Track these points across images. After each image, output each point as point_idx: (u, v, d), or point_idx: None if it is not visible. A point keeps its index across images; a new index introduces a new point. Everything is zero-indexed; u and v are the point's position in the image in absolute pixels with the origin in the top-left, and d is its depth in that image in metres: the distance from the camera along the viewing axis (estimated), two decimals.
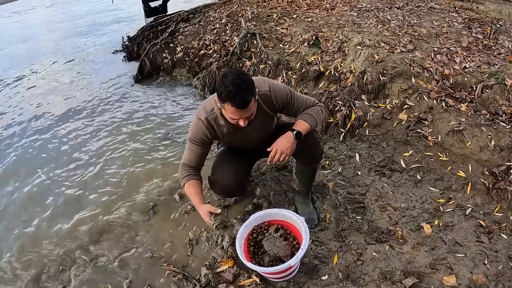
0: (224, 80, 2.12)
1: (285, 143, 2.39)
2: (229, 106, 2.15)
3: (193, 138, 2.54)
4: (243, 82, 2.12)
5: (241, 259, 2.36)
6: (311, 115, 2.53)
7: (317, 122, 2.56)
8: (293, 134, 2.41)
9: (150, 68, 6.81)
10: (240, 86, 2.10)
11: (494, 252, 2.57)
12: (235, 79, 2.11)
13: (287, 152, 2.39)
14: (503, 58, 4.56)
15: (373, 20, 5.70)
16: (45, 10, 16.39)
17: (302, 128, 2.46)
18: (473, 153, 3.26)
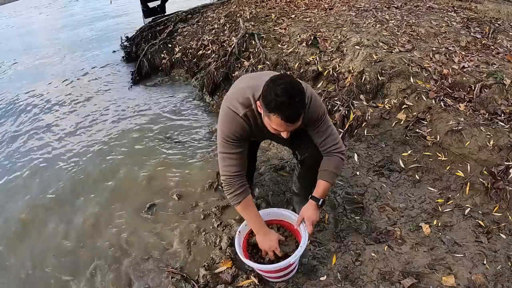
0: (275, 87, 1.87)
1: (312, 213, 2.41)
2: (276, 118, 1.92)
3: (231, 136, 2.21)
4: (297, 93, 1.89)
5: (240, 256, 2.33)
6: (334, 173, 2.38)
7: (336, 176, 2.48)
8: (317, 204, 2.42)
9: (149, 69, 6.80)
10: (294, 98, 1.87)
11: (493, 252, 2.57)
12: (288, 88, 1.86)
13: (317, 220, 2.43)
14: (501, 57, 4.56)
15: (371, 20, 5.69)
16: (43, 10, 16.37)
17: (324, 191, 2.41)
18: (472, 152, 3.26)
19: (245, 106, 2.17)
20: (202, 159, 4.04)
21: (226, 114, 2.22)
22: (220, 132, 2.24)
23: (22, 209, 3.65)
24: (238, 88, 2.29)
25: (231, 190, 2.28)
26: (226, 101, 2.27)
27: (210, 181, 3.59)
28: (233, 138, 2.21)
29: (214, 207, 3.26)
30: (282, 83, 1.88)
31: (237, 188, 2.27)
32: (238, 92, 2.23)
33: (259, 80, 2.12)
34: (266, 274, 2.47)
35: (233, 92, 2.31)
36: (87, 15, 13.62)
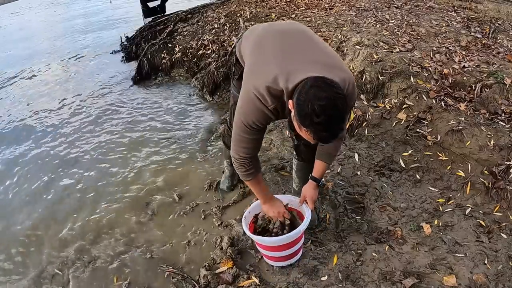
0: (315, 101, 1.62)
1: (312, 192, 2.49)
2: (308, 133, 1.74)
3: (254, 124, 2.02)
4: (339, 116, 1.67)
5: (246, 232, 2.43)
6: (332, 155, 2.41)
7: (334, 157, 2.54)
8: (317, 184, 2.50)
9: (149, 69, 6.79)
10: (333, 121, 1.66)
11: (494, 251, 2.56)
12: (329, 107, 1.62)
13: (316, 198, 2.52)
14: (502, 57, 4.56)
15: (371, 20, 5.69)
16: (43, 10, 16.37)
17: (323, 172, 2.47)
18: (473, 152, 3.26)
19: (275, 98, 1.90)
20: (203, 159, 4.04)
21: (252, 101, 1.95)
22: (242, 116, 2.03)
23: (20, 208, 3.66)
24: (265, 63, 1.98)
25: (242, 169, 2.26)
26: (251, 80, 1.99)
27: (209, 182, 3.59)
28: (255, 126, 2.03)
29: (215, 207, 3.26)
30: (324, 98, 1.62)
31: (248, 169, 2.25)
32: (266, 73, 1.90)
33: (293, 61, 1.90)
34: (270, 253, 2.51)
35: (259, 68, 2.02)
36: (87, 15, 13.62)
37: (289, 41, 2.05)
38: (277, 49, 2.01)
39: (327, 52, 2.05)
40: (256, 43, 2.15)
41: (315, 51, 2.01)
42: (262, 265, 2.64)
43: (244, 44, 2.33)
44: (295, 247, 2.45)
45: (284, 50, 1.99)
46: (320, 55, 1.98)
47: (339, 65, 1.98)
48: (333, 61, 1.98)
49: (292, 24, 2.29)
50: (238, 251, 2.77)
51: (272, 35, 2.13)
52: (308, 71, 1.78)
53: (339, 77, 1.84)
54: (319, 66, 1.86)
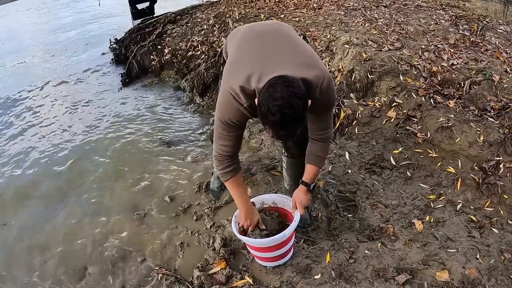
0: (270, 101, 1.69)
1: (302, 197, 2.49)
2: (269, 132, 1.84)
3: (230, 121, 2.07)
4: (294, 113, 1.72)
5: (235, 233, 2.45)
6: (322, 157, 2.43)
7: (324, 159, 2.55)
8: (308, 188, 2.49)
9: (138, 71, 6.77)
10: (288, 120, 1.72)
11: (486, 246, 2.58)
12: (284, 106, 1.68)
13: (307, 203, 2.53)
14: (490, 54, 4.59)
15: (360, 19, 5.71)
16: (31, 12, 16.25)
17: (314, 176, 2.47)
18: (462, 149, 3.27)
19: (249, 96, 1.94)
20: (194, 160, 4.03)
21: (228, 100, 2.01)
22: (219, 114, 2.10)
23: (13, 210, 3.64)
24: (242, 63, 2.05)
25: (220, 167, 2.29)
26: (228, 80, 2.06)
27: (198, 183, 3.58)
28: (232, 123, 2.08)
29: (207, 208, 3.25)
30: (279, 98, 1.68)
31: (225, 167, 2.27)
32: (241, 72, 1.96)
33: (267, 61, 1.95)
34: (260, 254, 2.51)
35: (236, 68, 2.08)
36: (75, 17, 13.52)
37: (266, 42, 2.10)
38: (254, 50, 2.08)
39: (303, 51, 2.08)
40: (237, 44, 2.21)
41: (291, 51, 2.04)
42: (255, 265, 2.64)
43: (229, 45, 2.37)
44: (284, 248, 2.45)
45: (260, 51, 2.06)
46: (295, 55, 2.02)
47: (314, 63, 2.01)
48: (308, 60, 2.02)
49: (272, 25, 2.31)
50: (231, 252, 2.76)
51: (251, 36, 2.19)
52: (279, 71, 1.82)
53: (312, 75, 1.91)
54: (293, 65, 1.91)
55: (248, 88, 1.91)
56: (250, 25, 2.38)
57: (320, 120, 2.24)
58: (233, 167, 2.29)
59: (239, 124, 2.11)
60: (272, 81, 1.76)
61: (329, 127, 2.31)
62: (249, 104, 1.96)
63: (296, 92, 1.72)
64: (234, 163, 2.30)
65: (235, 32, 2.39)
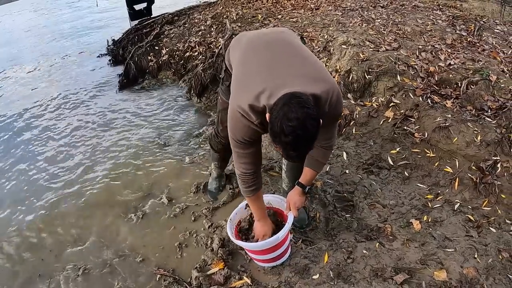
0: (284, 121, 1.65)
1: (297, 198, 2.50)
2: (279, 150, 1.82)
3: (244, 140, 2.07)
4: (306, 136, 1.69)
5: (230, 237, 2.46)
6: (322, 163, 2.43)
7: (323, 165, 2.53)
8: (303, 190, 2.51)
9: (136, 71, 6.75)
10: (301, 142, 1.70)
11: (483, 246, 2.58)
12: (298, 128, 1.64)
13: (301, 204, 2.54)
14: (487, 54, 4.60)
15: (357, 19, 5.71)
16: (29, 14, 16.21)
17: (311, 179, 2.49)
18: (460, 148, 3.28)
19: (258, 114, 1.91)
20: (191, 161, 4.02)
21: (237, 119, 1.99)
22: (231, 133, 2.10)
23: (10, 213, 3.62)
24: (249, 79, 2.01)
25: (245, 186, 2.29)
26: (236, 97, 2.03)
27: (196, 184, 3.57)
28: (245, 141, 2.07)
29: (205, 209, 3.25)
30: (294, 119, 1.64)
31: (250, 185, 2.28)
32: (249, 90, 1.93)
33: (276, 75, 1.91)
34: (257, 257, 2.52)
35: (243, 85, 2.04)
36: (72, 18, 13.50)
37: (273, 54, 2.06)
38: (261, 64, 2.03)
39: (311, 63, 2.05)
40: (243, 55, 2.17)
41: (299, 63, 2.01)
42: (253, 266, 2.64)
43: (233, 54, 2.33)
44: (279, 250, 2.46)
45: (268, 65, 2.01)
46: (304, 68, 1.99)
47: (323, 77, 1.98)
48: (317, 73, 1.99)
49: (278, 34, 2.26)
50: (229, 252, 2.76)
51: (257, 48, 2.15)
52: (290, 86, 1.79)
53: (322, 89, 1.88)
54: (302, 80, 1.88)
55: (257, 106, 1.88)
56: (255, 34, 2.34)
57: (326, 131, 2.21)
58: (257, 185, 2.32)
59: (252, 141, 2.10)
60: (286, 100, 1.71)
61: (333, 136, 2.31)
62: (260, 121, 1.93)
63: (311, 113, 1.68)
64: (258, 180, 2.32)
65: (238, 40, 2.36)
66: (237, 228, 2.65)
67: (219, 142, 2.96)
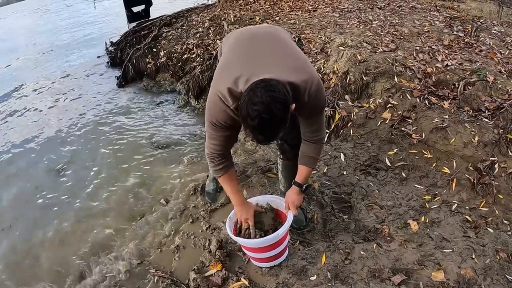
0: (250, 105, 1.69)
1: (295, 197, 2.51)
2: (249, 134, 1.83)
3: (218, 122, 2.09)
4: (274, 118, 1.71)
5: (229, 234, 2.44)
6: (315, 159, 2.45)
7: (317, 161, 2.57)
8: (300, 189, 2.52)
9: (134, 73, 6.78)
10: (267, 124, 1.72)
11: (481, 246, 2.58)
12: (263, 111, 1.67)
13: (300, 203, 2.54)
14: (484, 55, 4.61)
15: (355, 21, 5.72)
16: (28, 15, 16.23)
17: (306, 176, 2.50)
18: (457, 149, 3.28)
19: (235, 99, 1.94)
20: (189, 163, 4.02)
21: (215, 102, 2.02)
22: (207, 115, 2.13)
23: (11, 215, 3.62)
24: (230, 66, 2.06)
25: (212, 164, 2.35)
26: (216, 82, 2.06)
27: (193, 186, 3.58)
28: (219, 124, 2.09)
29: (203, 210, 3.25)
30: (259, 103, 1.68)
31: (217, 164, 2.32)
32: (229, 75, 1.96)
33: (256, 64, 1.95)
34: (254, 255, 2.52)
35: (224, 71, 2.07)
36: (72, 20, 13.54)
37: (256, 44, 2.11)
38: (243, 52, 2.09)
39: (294, 54, 2.09)
40: (229, 46, 2.24)
41: (281, 54, 2.04)
42: (251, 267, 2.63)
43: (223, 47, 2.38)
44: (278, 248, 2.45)
45: (249, 53, 2.06)
46: (285, 58, 2.02)
47: (303, 67, 2.01)
48: (298, 64, 2.01)
49: (266, 28, 2.32)
50: (227, 254, 2.76)
51: (242, 38, 2.21)
52: (267, 74, 1.83)
53: (300, 79, 1.92)
54: (281, 69, 1.91)
55: (235, 90, 1.91)
56: (244, 28, 2.40)
57: (311, 123, 2.25)
58: (225, 164, 2.34)
59: (227, 125, 2.11)
60: (253, 85, 1.76)
61: (320, 129, 2.31)
62: (235, 106, 1.95)
63: (277, 96, 1.71)
64: (226, 161, 2.34)
65: (229, 35, 2.41)
66: (235, 227, 2.63)
67: None
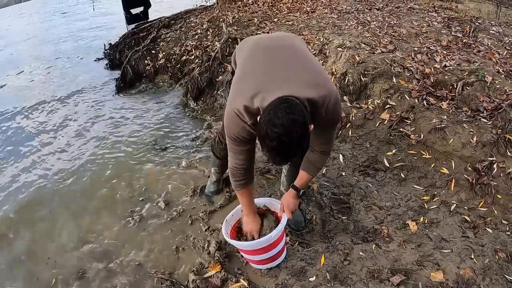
0: (271, 127, 1.67)
1: (291, 201, 2.51)
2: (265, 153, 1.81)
3: (238, 138, 2.09)
4: (292, 141, 1.69)
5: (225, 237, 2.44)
6: (318, 168, 2.45)
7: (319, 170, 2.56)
8: (297, 193, 2.52)
9: (133, 75, 6.76)
10: (284, 148, 1.71)
11: (480, 246, 2.58)
12: (283, 134, 1.66)
13: (295, 207, 2.55)
14: (482, 55, 4.61)
15: (353, 22, 5.73)
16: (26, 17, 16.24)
17: (306, 183, 2.51)
18: (456, 149, 3.29)
19: (252, 115, 1.93)
20: (188, 165, 4.02)
21: (233, 118, 2.02)
22: (227, 131, 2.12)
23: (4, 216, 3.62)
24: (246, 81, 2.02)
25: (234, 179, 2.34)
26: (233, 98, 2.04)
27: (193, 187, 3.58)
28: (240, 138, 2.09)
29: (202, 212, 3.25)
30: (279, 125, 1.65)
31: (240, 179, 2.32)
32: (245, 92, 1.94)
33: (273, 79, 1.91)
34: (251, 257, 2.52)
35: (240, 86, 2.05)
36: (70, 22, 13.53)
37: (272, 57, 2.06)
38: (259, 66, 2.05)
39: (311, 68, 2.04)
40: (244, 58, 2.19)
41: (299, 68, 2.00)
42: (250, 268, 2.64)
43: (238, 56, 2.34)
44: (274, 250, 2.45)
45: (266, 67, 2.02)
46: (303, 72, 1.98)
47: (321, 82, 1.98)
48: (316, 78, 1.98)
49: (281, 39, 2.25)
50: (226, 255, 2.76)
51: (258, 51, 2.15)
52: (284, 89, 1.81)
53: (319, 94, 1.89)
54: (299, 84, 1.88)
55: (251, 108, 1.90)
56: (259, 37, 2.35)
57: (323, 134, 2.24)
58: (247, 180, 2.35)
59: (246, 139, 2.11)
60: (275, 105, 1.73)
61: (330, 142, 2.32)
62: (253, 122, 1.95)
63: (297, 120, 1.69)
64: (248, 176, 2.35)
65: (244, 43, 2.38)
66: (235, 229, 2.65)
67: (223, 148, 2.96)
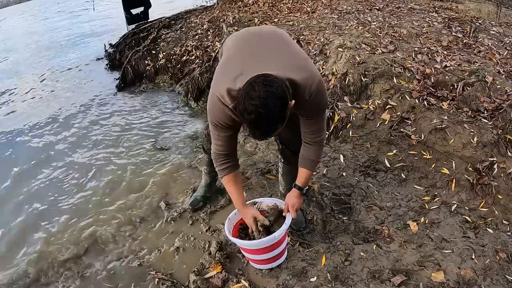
0: (248, 100, 1.69)
1: (295, 200, 2.49)
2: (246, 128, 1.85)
3: (220, 123, 2.10)
4: (270, 114, 1.70)
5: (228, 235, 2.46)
6: (315, 162, 2.44)
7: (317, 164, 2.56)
8: (300, 192, 2.51)
9: (133, 76, 6.77)
10: (263, 120, 1.72)
11: (481, 246, 2.58)
12: (260, 106, 1.67)
13: (300, 206, 2.54)
14: (483, 55, 4.62)
15: (353, 22, 5.73)
16: (27, 18, 16.23)
17: (306, 179, 2.49)
18: (457, 150, 3.29)
19: (234, 98, 1.92)
20: (188, 165, 4.01)
21: (215, 102, 2.04)
22: (209, 116, 2.15)
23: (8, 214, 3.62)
24: (229, 66, 2.08)
25: (216, 164, 2.36)
26: (216, 82, 2.07)
27: (193, 188, 3.58)
28: (221, 124, 2.11)
29: (202, 212, 3.25)
30: (256, 97, 1.67)
31: (221, 164, 2.33)
32: (228, 75, 1.97)
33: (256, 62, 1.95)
34: (253, 257, 2.52)
35: (223, 71, 2.09)
36: (70, 23, 13.53)
37: (258, 42, 2.11)
38: (243, 50, 2.11)
39: (296, 53, 2.09)
40: (230, 45, 2.24)
41: (283, 52, 2.04)
42: (251, 269, 2.63)
43: (224, 47, 2.36)
44: (277, 250, 2.45)
45: (250, 51, 2.07)
46: (287, 56, 2.02)
47: (305, 66, 2.01)
48: (300, 62, 2.02)
49: (268, 28, 2.32)
50: (227, 255, 2.76)
51: (242, 38, 2.22)
52: (266, 71, 1.81)
53: (301, 76, 1.92)
54: (282, 66, 1.91)
55: (234, 89, 1.91)
56: (245, 29, 2.40)
57: (311, 123, 2.24)
58: (229, 164, 2.34)
59: (228, 125, 2.12)
60: (252, 80, 1.75)
61: (321, 130, 2.31)
62: (234, 106, 1.92)
63: (275, 92, 1.70)
64: (230, 161, 2.34)
65: (231, 36, 2.40)
66: (238, 228, 2.64)
67: None
